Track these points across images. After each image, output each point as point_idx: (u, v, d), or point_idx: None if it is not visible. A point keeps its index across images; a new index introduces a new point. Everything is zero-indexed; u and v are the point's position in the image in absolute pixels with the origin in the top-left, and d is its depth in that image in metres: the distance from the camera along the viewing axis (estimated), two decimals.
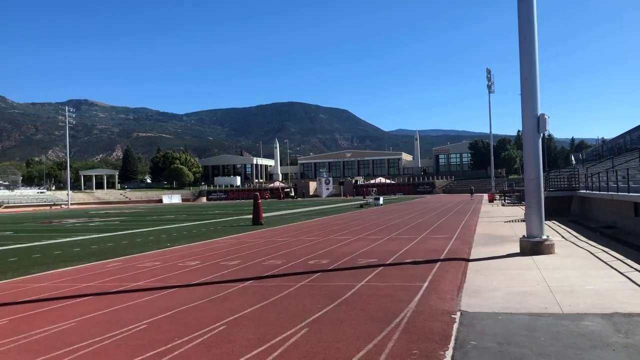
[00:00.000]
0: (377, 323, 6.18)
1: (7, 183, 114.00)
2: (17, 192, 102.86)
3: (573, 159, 50.95)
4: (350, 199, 77.57)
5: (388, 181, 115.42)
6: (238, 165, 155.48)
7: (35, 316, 7.21)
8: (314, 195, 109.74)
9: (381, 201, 49.84)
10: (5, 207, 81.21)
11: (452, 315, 6.42)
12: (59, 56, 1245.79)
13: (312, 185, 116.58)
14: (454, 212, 32.05)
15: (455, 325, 5.95)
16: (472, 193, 67.59)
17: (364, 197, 64.03)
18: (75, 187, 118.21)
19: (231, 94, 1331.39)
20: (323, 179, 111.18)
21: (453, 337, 5.50)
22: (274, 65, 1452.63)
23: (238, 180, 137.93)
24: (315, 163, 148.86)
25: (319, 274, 10.04)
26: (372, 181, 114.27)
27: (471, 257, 11.59)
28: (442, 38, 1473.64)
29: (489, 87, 77.44)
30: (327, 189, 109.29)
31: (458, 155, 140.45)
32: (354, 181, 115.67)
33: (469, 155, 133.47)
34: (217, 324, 6.37)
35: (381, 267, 10.55)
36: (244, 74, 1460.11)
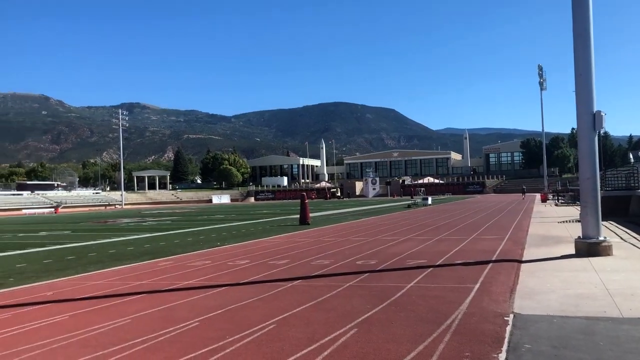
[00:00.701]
0: (428, 324, 6.10)
1: (65, 184, 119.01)
2: (74, 192, 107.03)
3: (631, 156, 48.85)
4: (398, 199, 76.97)
5: (436, 181, 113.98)
6: (285, 166, 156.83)
7: (93, 312, 7.47)
8: (361, 196, 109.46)
9: (429, 201, 49.24)
10: (63, 207, 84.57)
11: (505, 318, 6.26)
12: (112, 61, 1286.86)
13: (359, 186, 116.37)
14: (505, 212, 31.32)
15: (508, 328, 5.81)
16: (523, 193, 65.89)
17: (412, 197, 63.36)
18: (129, 187, 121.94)
19: (278, 95, 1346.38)
20: (369, 179, 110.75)
21: (506, 340, 5.37)
22: (320, 65, 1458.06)
23: (285, 181, 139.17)
24: (361, 163, 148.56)
25: (367, 274, 10.00)
26: (420, 181, 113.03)
27: (524, 259, 11.29)
28: (493, 34, 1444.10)
29: (540, 84, 75.23)
30: (374, 189, 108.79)
31: (509, 154, 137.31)
32: (401, 181, 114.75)
33: (521, 154, 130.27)
34: (266, 323, 6.43)
35: (431, 268, 10.41)
36: (290, 75, 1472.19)
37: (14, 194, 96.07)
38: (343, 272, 10.41)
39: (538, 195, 53.64)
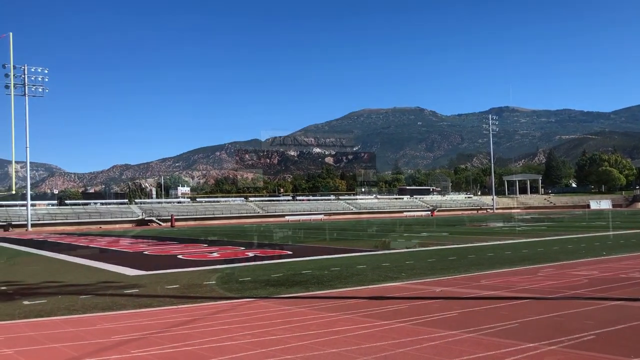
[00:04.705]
0: None
1: (439, 189, 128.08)
2: (447, 197, 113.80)
3: None
4: None
5: None
6: None
7: (480, 313, 7.68)
8: None
9: None
10: (438, 211, 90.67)
11: None
12: (481, 68, 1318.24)
13: None
14: None
15: None
16: None
17: None
18: (499, 192, 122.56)
19: None
20: None
21: None
22: None
23: None
24: None
25: None
26: None
27: None
28: None
29: None
30: None
31: None
32: None
33: None
34: None
35: None
36: None
37: (396, 198, 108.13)
38: None
39: None
